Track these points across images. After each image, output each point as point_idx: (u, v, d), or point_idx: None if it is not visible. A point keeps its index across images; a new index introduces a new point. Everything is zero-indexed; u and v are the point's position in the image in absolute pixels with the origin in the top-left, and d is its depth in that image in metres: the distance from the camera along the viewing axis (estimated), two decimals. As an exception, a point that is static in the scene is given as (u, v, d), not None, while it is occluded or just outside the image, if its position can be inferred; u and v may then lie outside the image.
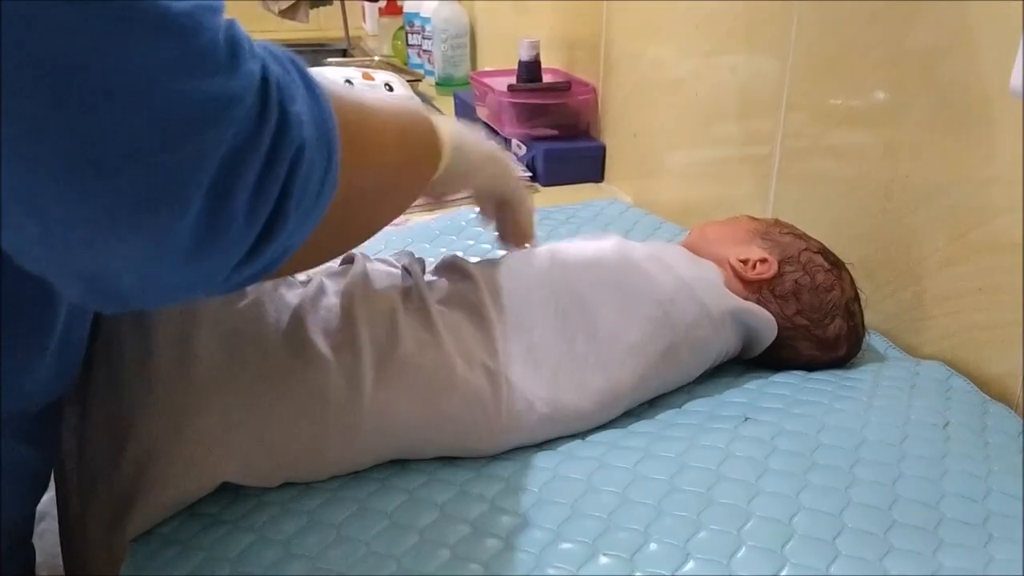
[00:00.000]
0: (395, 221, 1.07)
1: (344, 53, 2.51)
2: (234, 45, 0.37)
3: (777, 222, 0.75)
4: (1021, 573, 0.47)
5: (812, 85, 0.86)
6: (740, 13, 0.95)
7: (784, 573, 0.47)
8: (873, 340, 0.76)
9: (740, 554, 0.48)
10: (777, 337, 0.69)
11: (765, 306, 0.68)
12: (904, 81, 0.74)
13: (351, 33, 2.53)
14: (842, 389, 0.65)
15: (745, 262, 0.70)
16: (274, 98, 0.39)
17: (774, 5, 0.89)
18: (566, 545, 0.49)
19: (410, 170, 0.57)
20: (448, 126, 0.60)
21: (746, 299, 0.68)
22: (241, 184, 0.37)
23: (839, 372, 0.69)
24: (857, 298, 0.71)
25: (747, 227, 0.74)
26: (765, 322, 0.67)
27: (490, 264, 0.66)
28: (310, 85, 0.43)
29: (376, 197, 0.53)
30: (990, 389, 0.68)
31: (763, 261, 0.69)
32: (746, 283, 0.69)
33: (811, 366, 0.70)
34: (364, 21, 2.68)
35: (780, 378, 0.68)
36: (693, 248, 0.72)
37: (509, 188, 0.69)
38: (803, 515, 0.51)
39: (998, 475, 0.55)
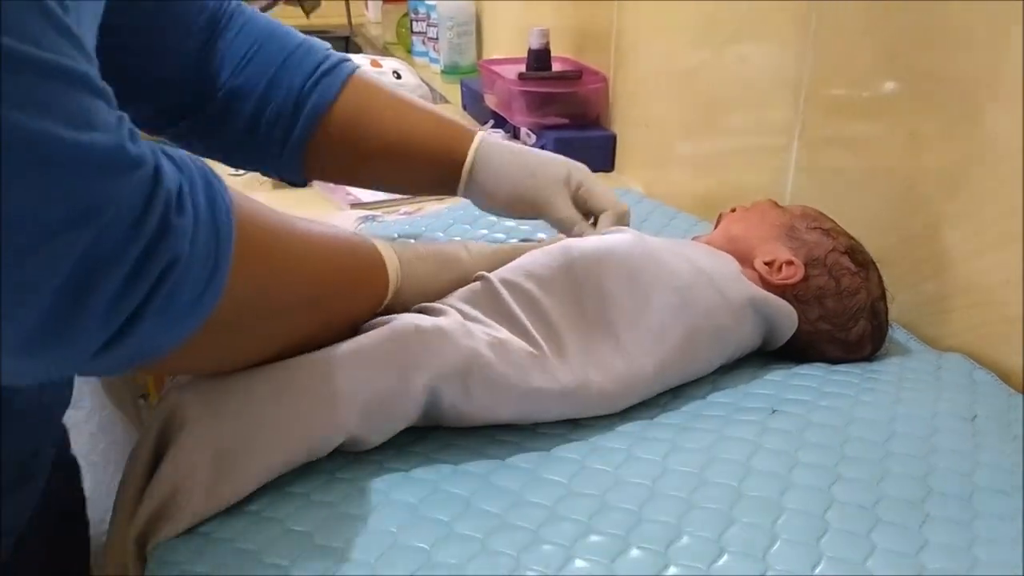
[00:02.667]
0: (407, 210, 1.07)
1: (347, 40, 2.50)
2: (122, 149, 0.38)
3: (804, 213, 0.73)
4: (1059, 568, 0.46)
5: (832, 74, 0.85)
6: (758, 2, 0.94)
7: (820, 568, 0.46)
8: (894, 332, 0.75)
9: (775, 548, 0.48)
10: (800, 339, 0.68)
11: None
12: (928, 70, 0.74)
13: (353, 20, 2.51)
14: (867, 382, 0.64)
15: (771, 264, 0.69)
16: (158, 208, 0.40)
17: (794, -7, 0.88)
18: (597, 538, 0.49)
19: (349, 288, 0.57)
20: (390, 250, 0.60)
21: None
22: (101, 289, 0.38)
23: (863, 365, 0.69)
24: (883, 296, 0.70)
25: (773, 220, 0.72)
26: (785, 313, 0.67)
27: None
28: (213, 198, 0.44)
29: (304, 309, 0.53)
30: (1013, 381, 0.67)
31: (789, 264, 0.68)
32: (770, 287, 0.68)
33: (834, 362, 0.69)
34: (367, 8, 2.66)
35: (804, 370, 0.67)
36: (716, 244, 0.71)
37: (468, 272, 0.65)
38: (836, 509, 0.50)
39: (1031, 469, 0.54)
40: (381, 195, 1.13)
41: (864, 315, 0.68)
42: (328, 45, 0.77)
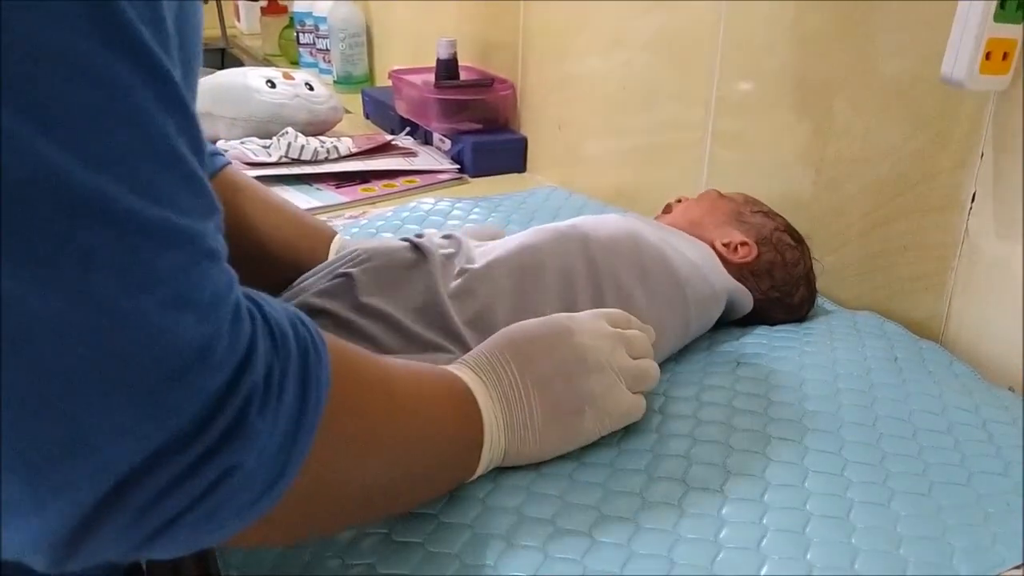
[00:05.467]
0: (351, 214, 1.12)
1: (223, 53, 2.49)
2: (216, 339, 0.34)
3: (746, 200, 0.84)
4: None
5: (742, 73, 0.97)
6: (668, 8, 1.05)
7: (808, 481, 0.57)
8: (813, 297, 0.87)
9: (769, 469, 0.58)
10: (754, 307, 0.78)
11: (742, 282, 0.77)
12: (830, 70, 0.86)
13: (227, 32, 2.50)
14: (805, 336, 0.76)
15: (728, 245, 0.79)
16: (234, 404, 0.35)
17: None
18: (624, 469, 0.58)
19: (438, 471, 0.52)
20: (491, 409, 0.53)
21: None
22: (130, 499, 0.33)
23: (796, 324, 0.80)
24: (812, 266, 0.83)
25: (723, 208, 0.83)
26: (747, 301, 0.78)
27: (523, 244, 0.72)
28: (306, 384, 0.39)
29: (381, 497, 0.48)
30: (916, 331, 0.80)
31: (744, 244, 0.79)
32: (729, 265, 0.78)
33: (773, 323, 0.80)
34: (238, 19, 2.65)
35: (750, 330, 0.78)
36: (679, 228, 0.80)
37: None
38: (810, 435, 0.61)
39: (948, 395, 0.67)
40: (316, 202, 1.18)
41: (803, 282, 0.80)
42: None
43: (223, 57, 2.49)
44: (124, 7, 0.31)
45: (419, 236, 0.73)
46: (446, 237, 0.74)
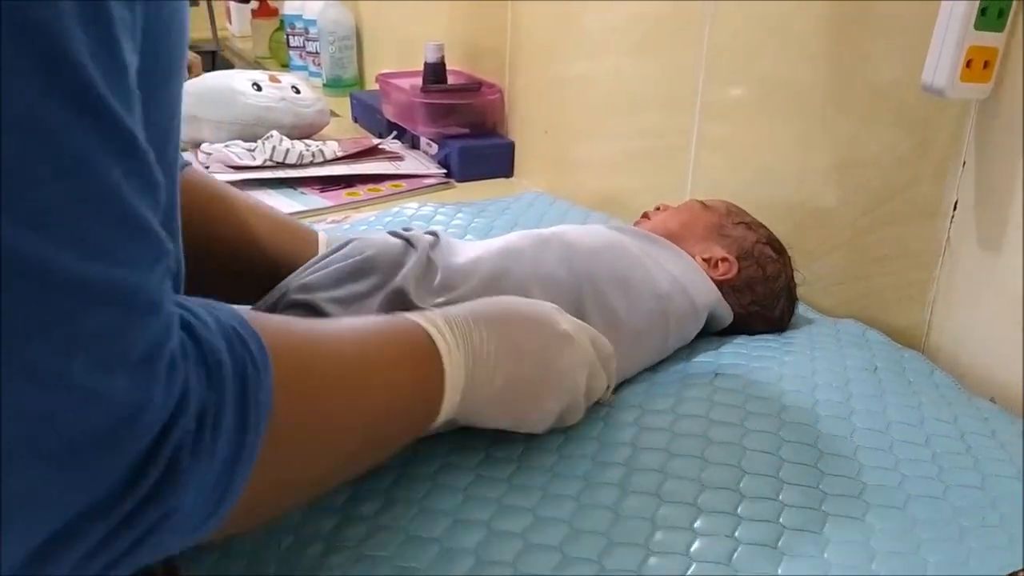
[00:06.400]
0: (334, 219, 1.11)
1: (214, 55, 2.48)
2: (146, 402, 0.33)
3: (728, 210, 0.83)
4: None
5: (726, 81, 0.96)
6: (654, 14, 1.05)
7: (782, 495, 0.56)
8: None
9: (743, 481, 0.57)
10: (734, 321, 0.78)
11: (723, 297, 0.76)
12: (814, 77, 0.86)
13: (218, 34, 2.49)
14: (786, 346, 0.75)
15: (708, 261, 0.78)
16: (165, 454, 0.34)
17: (688, 4, 0.99)
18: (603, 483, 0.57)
19: (393, 439, 0.52)
20: (450, 355, 0.52)
21: None
22: (76, 545, 0.32)
23: (775, 334, 0.80)
24: (793, 277, 0.82)
25: (704, 220, 0.81)
26: (727, 315, 0.77)
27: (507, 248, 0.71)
28: (245, 414, 0.37)
29: (331, 475, 0.49)
30: (898, 339, 0.80)
31: (724, 260, 0.78)
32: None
33: (753, 334, 0.80)
34: (229, 22, 2.64)
35: (729, 340, 0.77)
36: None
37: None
38: (787, 448, 0.60)
39: (928, 405, 0.66)
40: (300, 206, 1.17)
41: (783, 294, 0.80)
42: None
43: (214, 59, 2.48)
44: (73, 44, 0.28)
45: (407, 230, 0.73)
46: (430, 234, 0.74)
